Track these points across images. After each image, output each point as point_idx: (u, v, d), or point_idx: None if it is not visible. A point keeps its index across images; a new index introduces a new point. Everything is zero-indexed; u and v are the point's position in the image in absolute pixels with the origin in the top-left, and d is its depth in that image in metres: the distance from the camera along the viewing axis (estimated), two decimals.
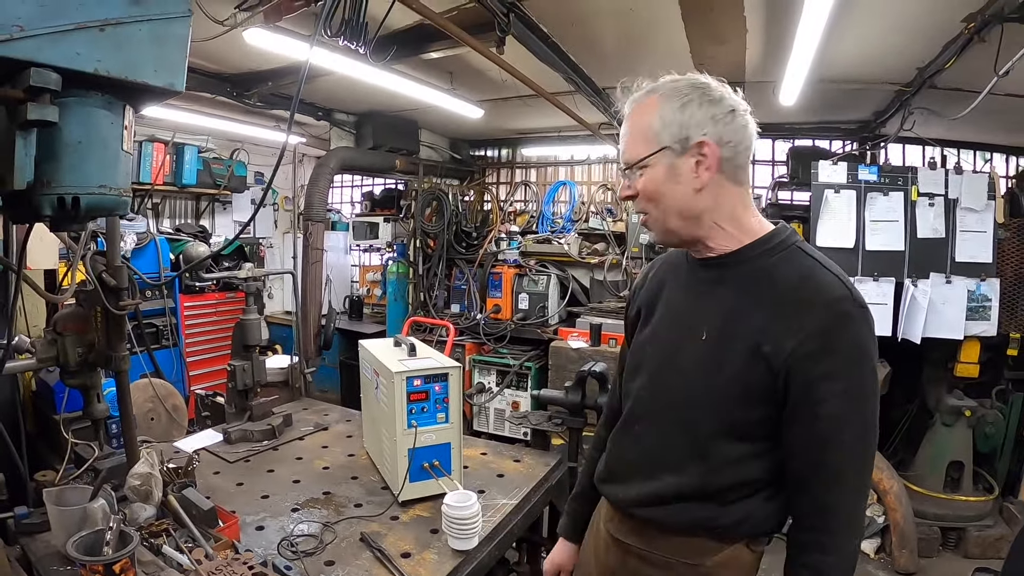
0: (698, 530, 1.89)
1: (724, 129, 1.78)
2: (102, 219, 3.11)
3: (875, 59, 4.92)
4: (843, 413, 1.68)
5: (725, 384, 1.80)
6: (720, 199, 1.83)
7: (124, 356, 2.87)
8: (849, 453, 1.71)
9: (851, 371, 1.68)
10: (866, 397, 1.70)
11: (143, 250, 6.79)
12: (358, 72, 4.95)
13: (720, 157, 1.78)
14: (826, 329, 1.66)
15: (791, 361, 1.68)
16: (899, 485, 5.48)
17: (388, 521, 2.99)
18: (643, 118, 1.84)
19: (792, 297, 1.73)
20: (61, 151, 1.36)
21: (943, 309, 5.52)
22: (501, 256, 8.08)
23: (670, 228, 1.89)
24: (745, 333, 1.77)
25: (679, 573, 1.93)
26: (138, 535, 2.20)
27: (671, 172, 1.80)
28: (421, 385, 3.05)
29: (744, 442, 1.82)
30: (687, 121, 1.77)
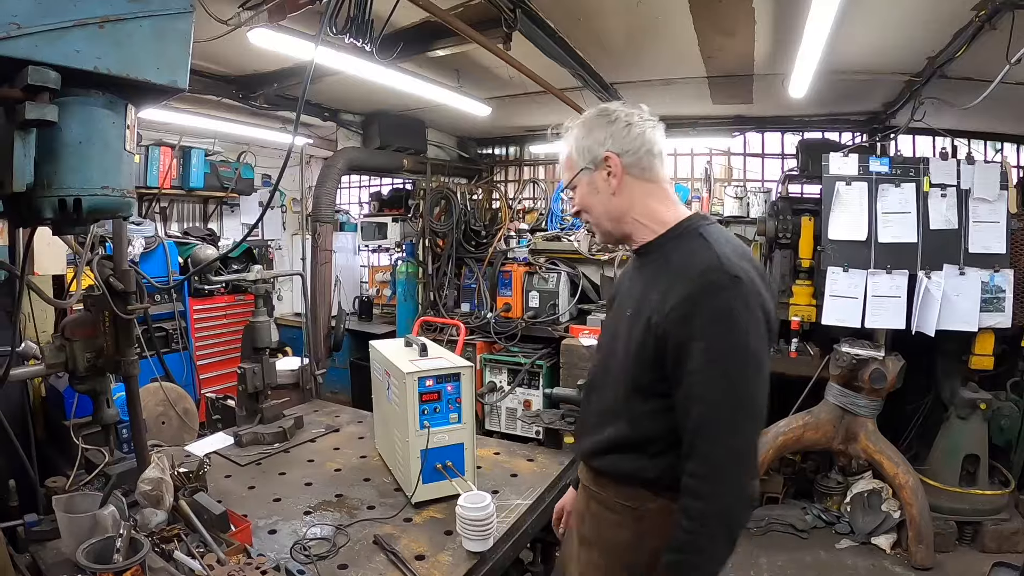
0: (633, 479, 2.18)
1: (622, 141, 2.18)
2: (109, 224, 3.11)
3: (885, 49, 4.87)
4: (704, 370, 1.90)
5: (633, 351, 2.10)
6: (634, 197, 2.22)
7: (133, 360, 2.86)
8: (711, 407, 1.91)
9: (712, 332, 1.91)
10: (726, 355, 1.91)
11: (151, 254, 6.77)
12: (364, 71, 4.92)
13: (623, 164, 2.18)
14: (692, 296, 1.94)
15: (666, 326, 1.97)
16: (915, 479, 5.43)
17: (401, 523, 2.99)
18: (566, 150, 2.32)
19: (676, 273, 2.04)
20: (61, 152, 1.32)
21: (957, 301, 5.45)
22: (511, 254, 8.00)
23: (605, 229, 2.33)
24: (646, 308, 2.08)
25: (622, 515, 2.24)
26: (149, 541, 2.18)
27: (591, 186, 2.25)
28: (433, 385, 3.04)
29: (653, 399, 2.08)
30: (592, 144, 2.21)
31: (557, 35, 4.59)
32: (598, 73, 5.51)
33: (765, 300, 2.00)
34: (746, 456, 1.95)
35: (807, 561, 5.38)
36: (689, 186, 8.47)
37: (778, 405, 6.25)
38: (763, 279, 2.06)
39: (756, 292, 1.97)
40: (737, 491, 1.91)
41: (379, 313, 9.93)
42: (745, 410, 1.93)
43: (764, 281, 2.05)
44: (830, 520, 5.90)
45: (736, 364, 1.91)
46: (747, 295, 1.94)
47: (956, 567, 5.28)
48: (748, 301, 1.93)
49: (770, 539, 5.72)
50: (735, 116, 7.54)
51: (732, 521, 1.92)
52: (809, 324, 6.07)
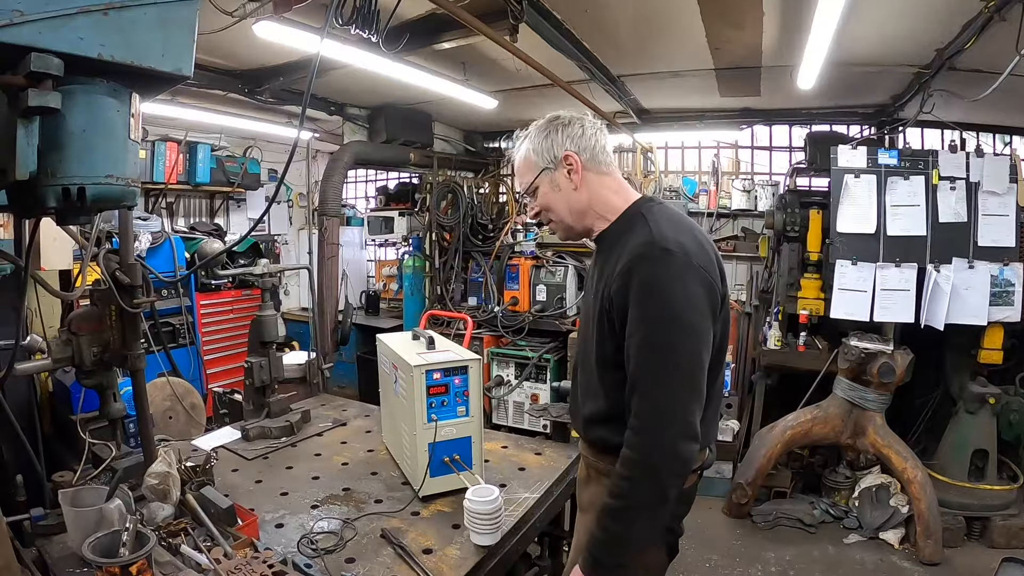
0: (614, 449, 2.24)
1: (578, 142, 2.38)
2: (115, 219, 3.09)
3: (893, 41, 4.85)
4: (635, 334, 2.12)
5: (595, 330, 2.34)
6: (592, 190, 2.42)
7: (140, 355, 2.85)
8: (640, 366, 2.11)
9: (641, 299, 2.11)
10: (652, 320, 2.10)
11: (158, 249, 6.77)
12: (370, 64, 4.90)
13: (582, 161, 2.38)
14: (627, 269, 2.15)
15: (612, 297, 2.20)
16: (923, 474, 5.42)
17: (409, 517, 2.97)
18: (523, 156, 2.49)
19: (620, 252, 2.24)
20: (65, 140, 1.31)
21: (966, 295, 5.44)
22: (518, 248, 8.01)
23: (567, 224, 2.50)
24: (600, 287, 2.32)
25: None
26: (155, 535, 2.17)
27: (553, 184, 2.43)
28: (441, 378, 3.02)
29: (619, 370, 2.22)
30: (551, 146, 2.39)
31: (564, 27, 4.58)
32: (605, 65, 5.49)
33: (707, 269, 2.16)
34: (672, 413, 2.06)
35: (815, 555, 5.39)
36: (697, 179, 8.45)
37: (786, 399, 6.24)
38: (707, 250, 2.25)
39: (690, 263, 2.13)
40: (662, 445, 2.05)
41: (386, 307, 9.92)
42: (671, 371, 2.08)
43: (708, 252, 2.25)
44: (838, 515, 5.90)
45: (661, 328, 2.09)
46: (679, 266, 2.11)
47: (964, 562, 5.27)
48: (679, 272, 2.11)
49: (778, 533, 5.72)
50: (743, 109, 7.51)
51: (657, 473, 2.06)
52: (817, 318, 6.07)
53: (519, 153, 2.52)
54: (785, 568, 5.20)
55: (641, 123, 7.80)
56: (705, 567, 5.20)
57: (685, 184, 8.30)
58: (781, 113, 7.63)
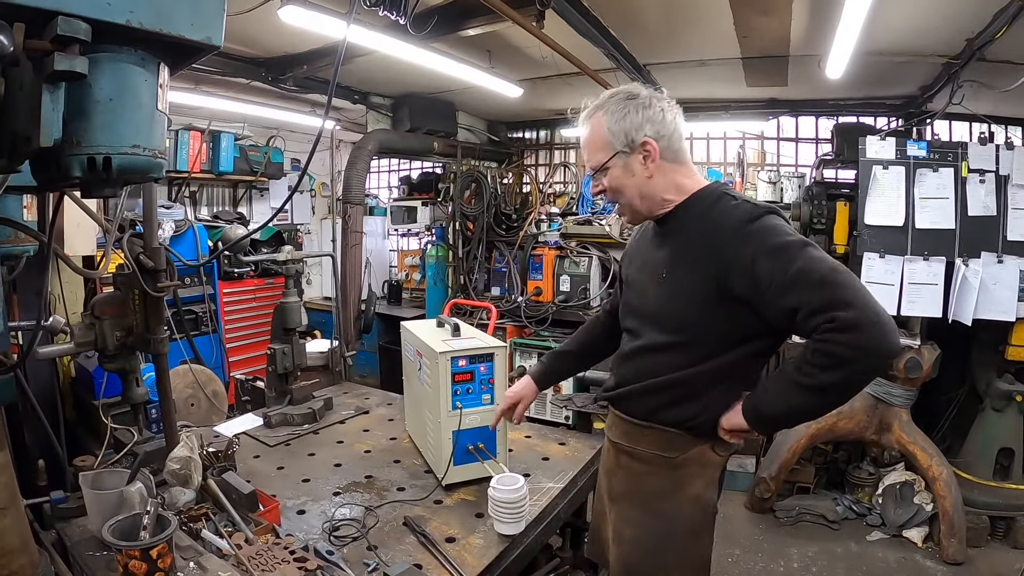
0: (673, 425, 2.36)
1: (658, 127, 2.30)
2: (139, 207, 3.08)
3: (923, 30, 4.78)
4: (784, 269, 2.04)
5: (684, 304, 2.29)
6: (667, 178, 2.35)
7: (163, 339, 2.84)
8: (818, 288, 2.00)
9: (770, 245, 2.08)
10: (790, 247, 2.07)
11: (181, 237, 6.81)
12: (396, 50, 4.87)
13: (659, 149, 2.30)
14: (741, 236, 2.13)
15: (728, 269, 2.13)
16: (948, 472, 5.35)
17: (432, 505, 2.96)
18: (596, 131, 2.37)
19: (716, 227, 2.21)
20: (91, 109, 1.28)
21: (994, 289, 5.36)
22: (541, 238, 7.97)
23: (636, 209, 2.43)
24: (689, 263, 2.27)
25: (656, 465, 2.44)
26: (176, 519, 2.15)
27: (626, 169, 2.34)
28: (466, 365, 3.01)
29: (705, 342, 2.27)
30: (629, 128, 2.29)
31: (590, 13, 4.54)
32: (631, 54, 5.44)
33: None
34: (877, 309, 1.96)
35: (838, 552, 5.34)
36: (722, 170, 8.39)
37: None
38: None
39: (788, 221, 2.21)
40: (879, 337, 1.94)
41: (408, 297, 9.93)
42: (848, 278, 2.02)
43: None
44: (861, 512, 5.85)
45: (803, 246, 2.07)
46: (781, 219, 2.18)
47: (988, 563, 5.21)
48: (787, 222, 2.20)
49: (800, 529, 5.69)
50: (769, 99, 7.42)
51: (869, 365, 2.01)
52: None
53: (590, 127, 2.41)
54: (808, 564, 5.16)
55: None
56: (727, 561, 5.16)
57: (710, 175, 8.19)
58: (808, 104, 7.56)
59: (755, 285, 2.08)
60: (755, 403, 2.22)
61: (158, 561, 1.97)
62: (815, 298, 1.98)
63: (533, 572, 3.09)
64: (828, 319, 1.95)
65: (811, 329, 2.01)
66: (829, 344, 1.97)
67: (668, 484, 2.40)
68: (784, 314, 2.06)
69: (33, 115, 1.17)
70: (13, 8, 1.10)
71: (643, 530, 2.44)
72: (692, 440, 2.35)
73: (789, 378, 2.11)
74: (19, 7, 1.11)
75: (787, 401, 2.14)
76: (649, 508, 2.43)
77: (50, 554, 2.24)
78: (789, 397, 2.13)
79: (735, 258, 2.12)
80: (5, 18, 1.09)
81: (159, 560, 1.97)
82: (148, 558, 1.95)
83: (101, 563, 2.19)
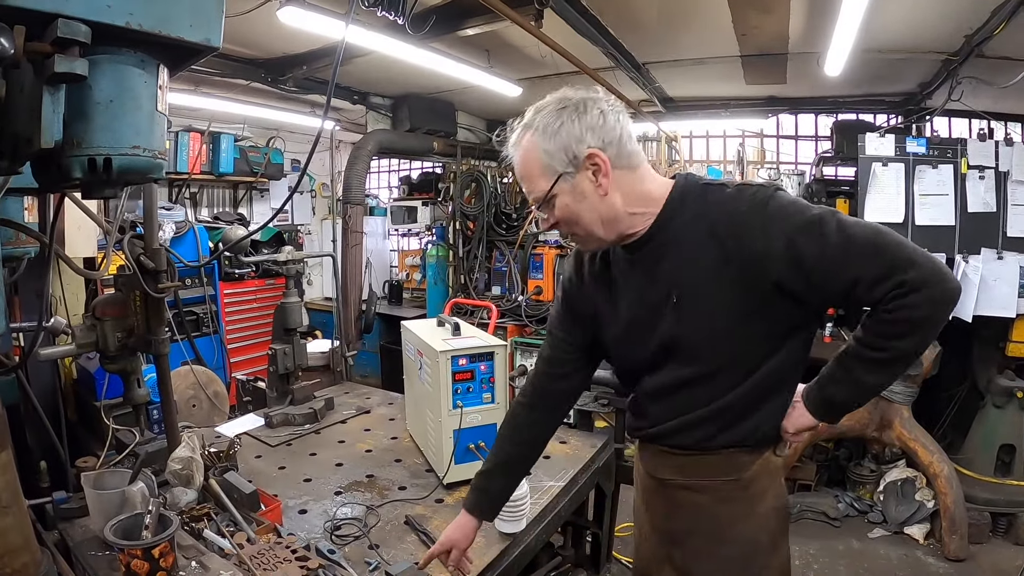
0: (728, 446, 2.11)
1: (601, 133, 1.93)
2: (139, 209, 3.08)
3: (922, 27, 4.79)
4: (827, 239, 1.82)
5: (725, 316, 1.98)
6: (627, 191, 1.99)
7: (164, 339, 2.84)
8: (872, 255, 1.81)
9: (797, 223, 1.85)
10: (822, 218, 1.85)
11: (182, 239, 6.81)
12: (395, 50, 4.88)
13: (609, 159, 1.93)
14: (756, 225, 1.88)
15: (759, 261, 1.87)
16: (949, 469, 5.35)
17: (433, 504, 2.97)
18: (530, 156, 2.00)
19: (727, 224, 1.93)
20: (92, 110, 1.29)
21: (995, 286, 5.37)
22: (542, 237, 7.94)
23: (598, 236, 2.05)
24: (709, 272, 1.95)
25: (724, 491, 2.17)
26: (178, 519, 2.16)
27: (575, 192, 1.97)
28: (466, 364, 3.01)
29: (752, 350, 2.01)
30: (568, 143, 1.92)
31: (589, 12, 4.55)
32: (630, 52, 5.46)
33: None
34: (937, 264, 1.82)
35: (839, 550, 5.33)
36: (722, 168, 8.39)
37: None
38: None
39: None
40: (938, 260, 1.82)
41: (409, 297, 9.93)
42: (881, 230, 1.85)
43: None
44: (863, 509, 5.84)
45: (833, 214, 1.87)
46: (785, 195, 1.95)
47: (989, 559, 5.20)
48: (787, 195, 1.95)
49: (802, 527, 5.66)
50: (768, 97, 7.43)
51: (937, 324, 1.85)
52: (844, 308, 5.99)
53: (522, 152, 2.04)
54: (809, 561, 5.16)
55: (666, 111, 7.74)
56: None
57: (710, 173, 8.17)
58: (807, 101, 7.56)
59: (798, 267, 1.85)
60: (824, 395, 2.04)
61: (160, 560, 1.97)
62: (873, 266, 1.80)
63: (534, 570, 3.09)
64: (896, 284, 1.77)
65: (878, 299, 1.82)
66: (904, 310, 1.80)
67: (742, 507, 2.15)
68: (840, 289, 1.87)
69: (34, 117, 1.18)
70: (13, 11, 1.11)
71: (720, 560, 2.17)
72: (753, 454, 2.12)
73: (859, 357, 1.95)
74: (19, 10, 1.12)
75: (859, 383, 1.98)
76: (726, 536, 2.16)
77: (52, 554, 2.24)
78: (863, 377, 1.96)
79: (767, 247, 1.86)
80: (5, 21, 1.10)
81: (161, 559, 1.98)
82: (150, 557, 1.95)
83: (103, 563, 2.19)
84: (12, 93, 1.18)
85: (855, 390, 2.01)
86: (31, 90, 1.17)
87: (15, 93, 1.18)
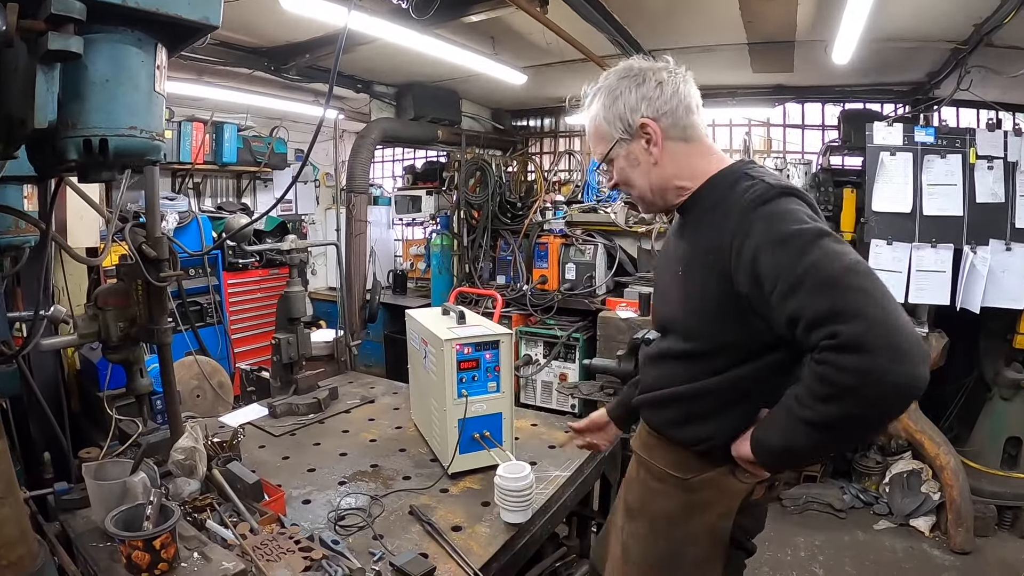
0: (686, 444, 2.14)
1: (656, 104, 2.01)
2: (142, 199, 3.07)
3: (931, 15, 4.73)
4: (791, 260, 1.70)
5: (697, 304, 2.03)
6: (679, 162, 2.06)
7: (166, 329, 2.83)
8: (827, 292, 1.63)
9: (775, 232, 1.75)
10: (798, 236, 1.72)
11: (185, 229, 6.82)
12: (399, 37, 4.83)
13: (662, 129, 2.02)
14: (745, 221, 1.82)
15: (733, 260, 1.83)
16: (956, 461, 5.33)
17: (437, 494, 2.96)
18: (594, 121, 2.14)
19: (726, 212, 1.92)
20: (87, 90, 1.26)
21: (1003, 277, 5.32)
22: (547, 226, 7.94)
23: (649, 200, 2.17)
24: (702, 259, 1.98)
25: (668, 485, 2.22)
26: (180, 509, 2.14)
27: (630, 157, 2.09)
28: (471, 353, 3.00)
29: (722, 352, 2.00)
30: (623, 111, 2.03)
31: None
32: (636, 40, 5.40)
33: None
34: (900, 327, 1.57)
35: (845, 541, 5.32)
36: None
37: None
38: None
39: (814, 204, 1.89)
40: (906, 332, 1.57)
41: (413, 287, 9.91)
42: (866, 279, 1.64)
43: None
44: (868, 500, 5.82)
45: (818, 236, 1.71)
46: (801, 203, 1.84)
47: (995, 552, 5.19)
48: (803, 206, 1.84)
49: (807, 518, 5.66)
50: (775, 85, 7.38)
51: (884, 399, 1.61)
52: None
53: (587, 116, 2.18)
54: (815, 553, 5.14)
55: None
56: None
57: None
58: (814, 90, 7.51)
59: (759, 284, 1.77)
60: (759, 434, 1.90)
61: (161, 552, 1.95)
62: (817, 305, 1.63)
63: (539, 561, 3.08)
64: (828, 334, 1.60)
65: (811, 346, 1.66)
66: (827, 367, 1.62)
67: (680, 507, 2.15)
68: (783, 320, 1.73)
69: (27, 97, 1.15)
70: None
71: (650, 552, 2.22)
72: (706, 463, 2.08)
73: (789, 410, 1.77)
74: None
75: (788, 438, 1.80)
76: (659, 530, 2.20)
77: (52, 546, 2.23)
78: (789, 433, 1.79)
79: (740, 251, 1.81)
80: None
81: (162, 551, 1.95)
82: (151, 549, 1.93)
83: (105, 554, 2.17)
84: (5, 73, 1.16)
85: (783, 444, 1.83)
86: (25, 70, 1.15)
87: (8, 73, 1.16)
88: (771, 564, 4.98)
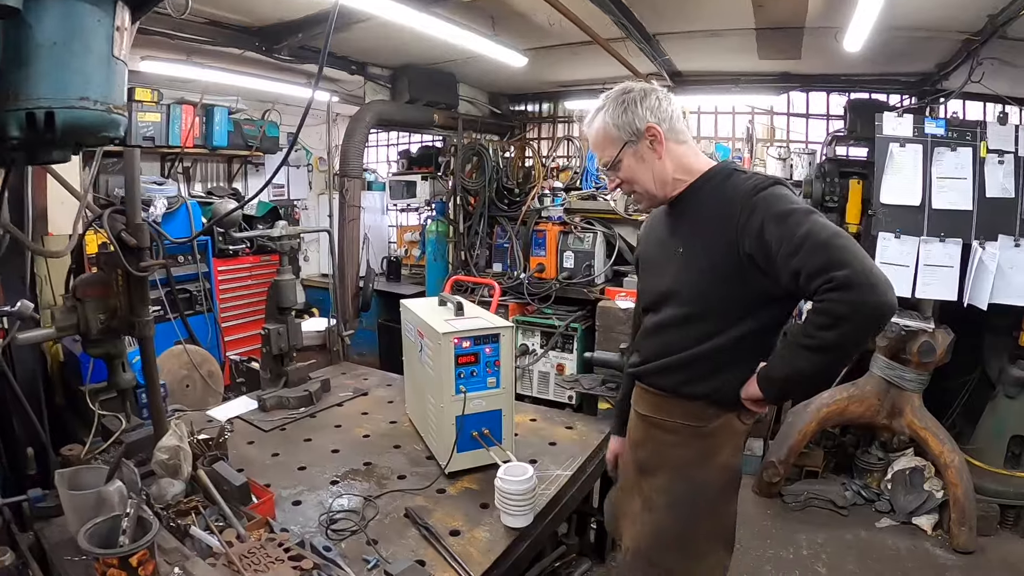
0: (696, 397, 2.49)
1: (658, 113, 2.46)
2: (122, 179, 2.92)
3: (946, 4, 4.61)
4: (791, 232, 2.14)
5: (704, 276, 2.40)
6: (675, 159, 2.50)
7: (148, 321, 2.72)
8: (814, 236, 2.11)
9: (777, 211, 2.19)
10: (795, 213, 2.18)
11: (174, 214, 6.70)
12: (394, 14, 4.64)
13: (663, 132, 2.45)
14: (749, 205, 2.25)
15: (740, 239, 2.24)
16: (960, 459, 5.25)
17: (434, 494, 2.89)
18: (602, 130, 2.53)
19: (729, 200, 2.33)
20: (32, 54, 1.08)
21: (1011, 274, 5.21)
22: (545, 213, 7.84)
23: (653, 194, 2.56)
24: (706, 238, 2.39)
25: (684, 435, 2.55)
26: (158, 522, 2.00)
27: (637, 157, 2.50)
28: (470, 347, 2.92)
29: (725, 314, 2.38)
30: (632, 119, 2.45)
31: None
32: (641, 22, 5.26)
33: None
34: (871, 268, 2.06)
35: (847, 539, 5.25)
36: (730, 146, 8.20)
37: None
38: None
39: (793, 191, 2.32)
40: (875, 296, 2.03)
41: (407, 274, 9.85)
42: (847, 241, 2.10)
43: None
44: (870, 497, 5.76)
45: (808, 213, 2.17)
46: (788, 190, 2.30)
47: (998, 551, 5.12)
48: (791, 191, 2.30)
49: (809, 515, 5.61)
50: (781, 73, 7.24)
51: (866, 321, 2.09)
52: None
53: (595, 127, 2.56)
54: (817, 551, 5.07)
55: (674, 86, 7.51)
56: (736, 548, 5.02)
57: (718, 151, 8.04)
58: (820, 79, 7.38)
59: (766, 250, 2.19)
60: (765, 370, 2.33)
61: (139, 569, 1.83)
62: (815, 261, 2.08)
63: (539, 560, 2.99)
64: (826, 279, 2.06)
65: (813, 291, 2.11)
66: (826, 303, 2.08)
67: (698, 453, 2.50)
68: (789, 276, 2.16)
69: None
70: None
71: (675, 496, 2.53)
72: (719, 410, 2.46)
73: (794, 341, 2.22)
74: None
75: (792, 364, 2.24)
76: (680, 476, 2.53)
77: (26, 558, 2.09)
78: (794, 360, 2.23)
79: (746, 224, 2.23)
80: None
81: (140, 568, 1.83)
82: (127, 566, 1.82)
83: (80, 568, 2.07)
84: None
85: (788, 370, 2.27)
86: None
87: None
88: (774, 562, 4.91)
